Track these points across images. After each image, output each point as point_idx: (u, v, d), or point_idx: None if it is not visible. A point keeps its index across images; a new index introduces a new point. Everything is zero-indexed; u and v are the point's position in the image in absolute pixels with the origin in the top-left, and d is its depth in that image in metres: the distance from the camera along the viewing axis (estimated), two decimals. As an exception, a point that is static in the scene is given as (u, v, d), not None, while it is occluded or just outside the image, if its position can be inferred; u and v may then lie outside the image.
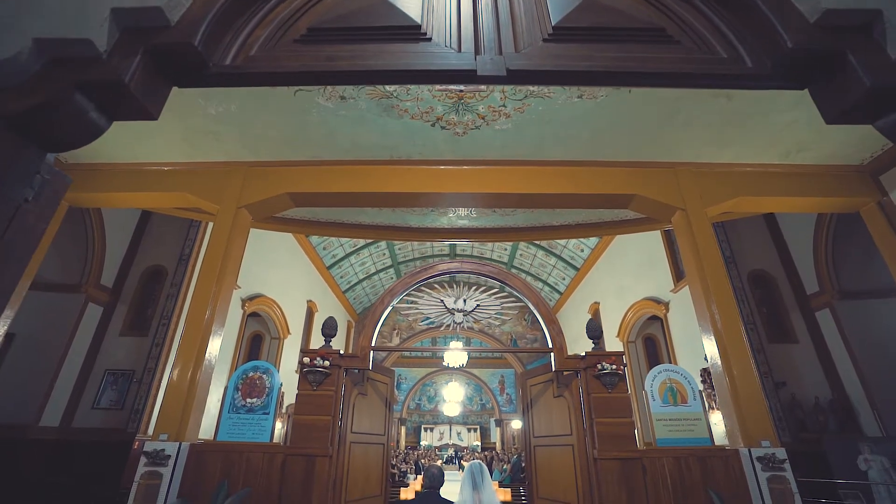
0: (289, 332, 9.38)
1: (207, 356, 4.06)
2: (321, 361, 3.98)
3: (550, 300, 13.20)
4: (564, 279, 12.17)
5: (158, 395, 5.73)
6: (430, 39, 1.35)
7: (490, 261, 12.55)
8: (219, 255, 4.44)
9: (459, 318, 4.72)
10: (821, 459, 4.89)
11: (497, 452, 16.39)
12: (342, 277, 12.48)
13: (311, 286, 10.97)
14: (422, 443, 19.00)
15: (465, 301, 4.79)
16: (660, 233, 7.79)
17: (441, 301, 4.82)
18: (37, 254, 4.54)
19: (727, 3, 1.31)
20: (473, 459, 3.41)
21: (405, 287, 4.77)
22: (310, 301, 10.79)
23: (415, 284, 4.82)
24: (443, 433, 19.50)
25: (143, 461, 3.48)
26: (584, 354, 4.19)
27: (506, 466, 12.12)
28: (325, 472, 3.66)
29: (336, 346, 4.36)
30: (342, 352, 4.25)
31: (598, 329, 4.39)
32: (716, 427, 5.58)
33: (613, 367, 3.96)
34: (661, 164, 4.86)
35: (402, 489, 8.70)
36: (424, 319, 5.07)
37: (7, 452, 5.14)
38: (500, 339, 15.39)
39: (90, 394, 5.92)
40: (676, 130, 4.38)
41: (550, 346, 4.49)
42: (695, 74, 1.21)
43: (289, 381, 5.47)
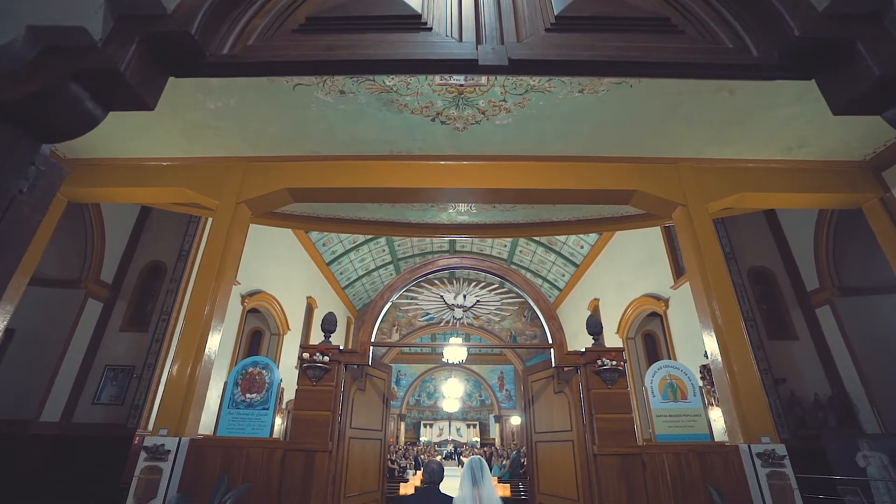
0: (288, 329, 9.38)
1: (207, 352, 4.05)
2: (321, 357, 3.97)
3: (550, 297, 13.20)
4: (564, 276, 12.16)
5: (158, 391, 5.74)
6: (431, 29, 1.33)
7: (490, 257, 12.53)
8: (218, 251, 4.42)
9: (459, 314, 4.71)
10: (820, 456, 4.89)
11: (496, 448, 16.45)
12: (342, 274, 12.48)
13: (311, 282, 10.96)
14: (421, 439, 19.07)
15: (465, 297, 4.78)
16: (660, 229, 7.77)
17: (441, 297, 4.81)
18: (36, 249, 4.52)
19: (733, -8, 1.28)
20: (473, 455, 3.41)
21: (405, 283, 4.76)
22: (309, 297, 10.78)
23: (414, 280, 4.81)
24: (442, 429, 19.57)
25: (143, 456, 3.49)
26: (584, 350, 4.19)
27: (505, 462, 12.17)
28: (325, 468, 3.66)
29: (335, 343, 4.36)
30: (342, 347, 4.25)
31: (599, 325, 4.38)
32: (715, 423, 5.59)
33: (613, 363, 3.95)
34: (663, 160, 4.84)
35: (402, 485, 8.73)
36: (424, 315, 5.06)
37: (7, 448, 5.15)
38: (500, 336, 15.41)
39: (90, 389, 5.93)
40: (678, 126, 4.35)
41: (550, 342, 4.48)
42: (699, 65, 1.19)
43: (288, 378, 5.47)
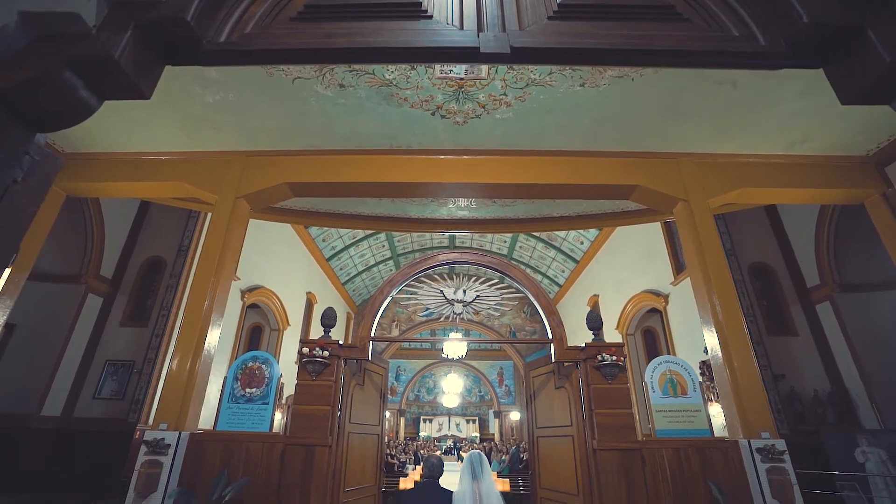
0: (288, 324, 9.38)
1: (206, 346, 4.05)
2: (320, 352, 3.97)
3: (550, 292, 13.19)
4: (564, 272, 12.16)
5: (159, 386, 5.74)
6: (432, 17, 1.30)
7: (490, 253, 12.51)
8: (217, 245, 4.41)
9: (459, 309, 4.70)
10: (818, 451, 4.91)
11: (496, 443, 16.52)
12: (342, 269, 12.47)
13: (311, 278, 10.95)
14: (421, 434, 19.15)
15: (465, 291, 4.77)
16: (660, 225, 7.75)
17: (441, 291, 4.80)
18: (35, 243, 4.51)
19: (739, -21, 1.26)
20: (472, 450, 3.41)
21: (405, 277, 4.75)
22: (309, 293, 10.78)
23: (415, 275, 4.79)
24: (442, 424, 19.65)
25: (144, 450, 3.49)
26: (585, 345, 4.18)
27: (504, 457, 12.21)
28: (325, 462, 3.66)
29: (335, 338, 4.35)
30: (341, 342, 4.24)
31: (599, 320, 4.37)
32: (714, 419, 5.59)
33: (614, 359, 3.95)
34: (664, 155, 4.81)
35: (402, 479, 8.76)
36: (424, 311, 5.05)
37: (9, 442, 5.16)
38: (500, 332, 15.43)
39: (91, 384, 5.93)
40: (679, 120, 4.32)
41: (550, 338, 4.48)
42: (705, 53, 1.16)
43: (288, 373, 5.47)
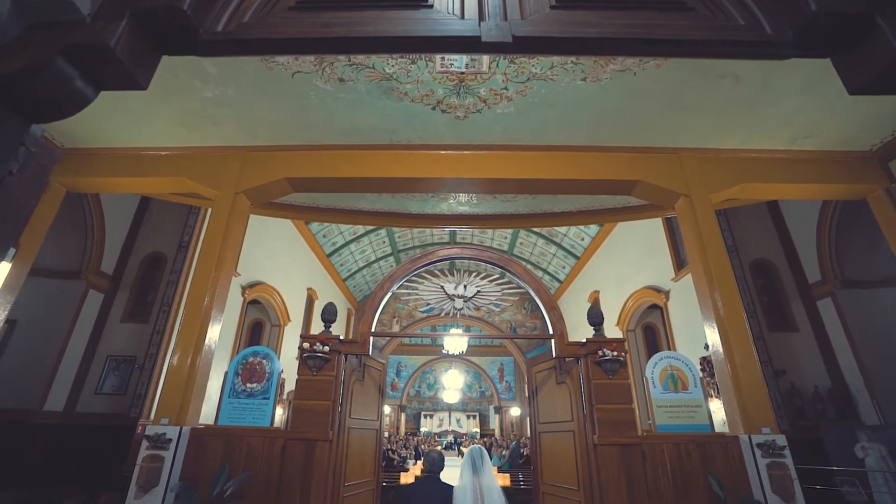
0: (289, 320, 9.40)
1: (207, 342, 4.05)
2: (321, 347, 3.97)
3: (550, 289, 13.19)
4: (564, 268, 12.15)
5: (160, 381, 5.75)
6: (432, 6, 1.28)
7: (490, 248, 12.51)
8: (217, 241, 4.40)
9: (460, 305, 4.70)
10: (818, 447, 4.91)
11: (496, 439, 16.58)
12: (342, 265, 12.47)
13: (312, 274, 10.96)
14: (421, 429, 19.22)
15: (466, 287, 4.76)
16: (661, 221, 7.72)
17: (441, 287, 4.79)
18: (35, 239, 4.51)
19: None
20: (473, 444, 3.41)
21: (405, 273, 4.74)
22: (310, 289, 10.78)
23: (415, 270, 4.78)
24: (442, 420, 19.71)
25: (145, 444, 3.50)
26: (585, 341, 4.18)
27: (504, 452, 12.25)
28: (325, 457, 3.67)
29: (335, 334, 4.35)
30: (342, 338, 4.24)
31: (600, 315, 4.36)
32: (714, 415, 5.60)
33: (614, 354, 3.95)
34: (666, 150, 4.78)
35: (403, 474, 8.80)
36: (425, 307, 5.05)
37: (11, 437, 5.18)
38: (500, 328, 15.45)
39: (93, 379, 5.95)
40: (681, 115, 4.29)
41: (551, 333, 4.47)
42: (709, 42, 1.14)
43: (289, 369, 5.47)
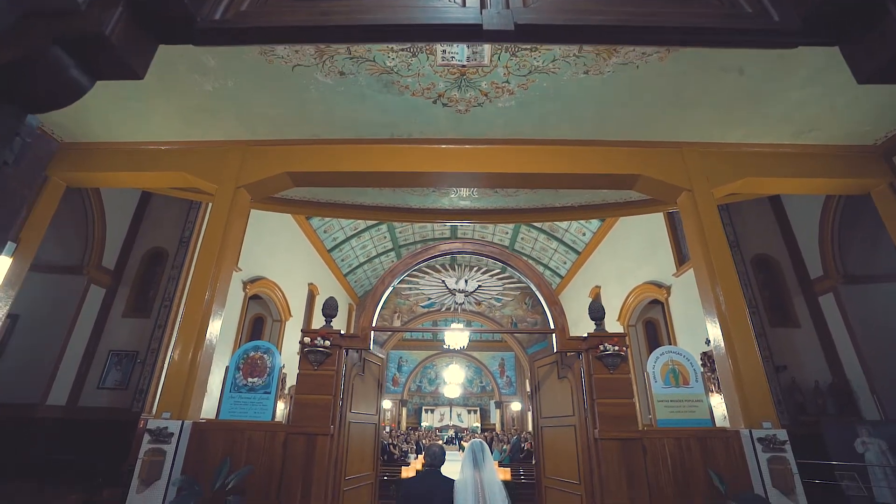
0: (290, 315, 9.41)
1: (208, 337, 4.06)
2: (322, 341, 3.97)
3: (551, 284, 13.14)
4: (566, 263, 12.13)
5: (162, 376, 5.77)
6: (432, -6, 1.26)
7: (492, 244, 12.48)
8: (218, 236, 4.39)
9: (461, 299, 4.69)
10: (818, 442, 4.91)
11: (497, 433, 16.65)
12: (343, 260, 12.47)
13: (313, 269, 10.96)
14: (423, 424, 19.31)
15: (467, 282, 4.76)
16: (663, 216, 7.69)
17: (442, 281, 4.79)
18: (36, 234, 4.51)
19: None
20: (474, 439, 3.42)
21: (406, 267, 4.73)
22: (311, 284, 10.79)
23: (416, 265, 4.78)
24: (443, 415, 19.80)
25: (147, 438, 3.52)
26: (587, 335, 4.17)
27: (505, 447, 12.30)
28: (326, 451, 3.68)
29: (337, 329, 4.35)
30: (343, 332, 4.24)
31: (601, 310, 4.35)
32: (715, 410, 5.60)
33: (616, 349, 3.94)
34: (668, 144, 4.75)
35: (404, 468, 8.85)
36: (426, 301, 5.04)
37: (15, 431, 5.21)
38: (501, 323, 15.46)
39: (95, 374, 5.98)
40: (684, 109, 4.26)
41: (553, 327, 4.47)
42: (715, 30, 1.12)
43: (290, 364, 5.49)
